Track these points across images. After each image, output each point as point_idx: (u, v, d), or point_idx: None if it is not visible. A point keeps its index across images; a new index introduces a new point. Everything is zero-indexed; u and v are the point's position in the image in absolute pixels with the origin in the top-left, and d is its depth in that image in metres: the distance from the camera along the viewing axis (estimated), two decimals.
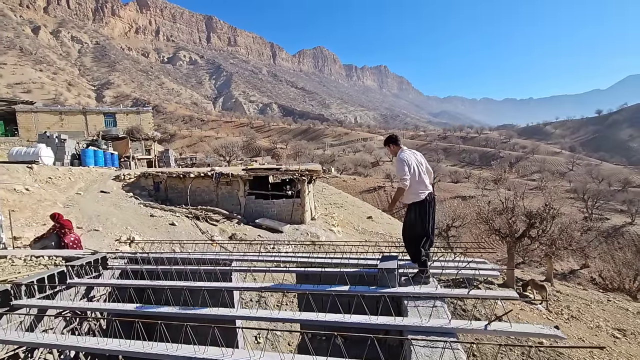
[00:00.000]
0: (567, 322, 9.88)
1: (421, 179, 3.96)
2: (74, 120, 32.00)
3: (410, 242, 3.97)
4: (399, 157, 4.02)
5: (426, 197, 3.91)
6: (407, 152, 4.07)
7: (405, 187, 3.83)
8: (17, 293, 3.94)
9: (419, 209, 3.90)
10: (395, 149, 4.18)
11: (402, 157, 3.99)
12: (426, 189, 3.96)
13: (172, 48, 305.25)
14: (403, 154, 4.03)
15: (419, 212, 3.89)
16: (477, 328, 2.69)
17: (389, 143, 4.28)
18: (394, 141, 4.21)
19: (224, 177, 16.08)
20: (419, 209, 3.90)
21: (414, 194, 3.90)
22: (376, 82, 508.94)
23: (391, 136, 4.28)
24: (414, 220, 3.92)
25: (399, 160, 3.99)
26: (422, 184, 3.95)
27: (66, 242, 6.73)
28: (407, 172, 3.83)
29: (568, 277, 24.84)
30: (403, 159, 3.96)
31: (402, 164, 3.91)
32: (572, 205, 41.36)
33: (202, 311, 3.34)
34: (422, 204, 3.90)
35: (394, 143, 4.21)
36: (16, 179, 13.18)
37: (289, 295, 8.44)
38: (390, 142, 4.24)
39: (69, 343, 2.95)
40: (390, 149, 4.26)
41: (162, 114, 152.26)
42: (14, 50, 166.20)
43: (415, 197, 3.90)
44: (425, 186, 3.97)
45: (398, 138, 4.26)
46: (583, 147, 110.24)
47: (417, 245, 3.84)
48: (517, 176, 72.09)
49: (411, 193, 3.90)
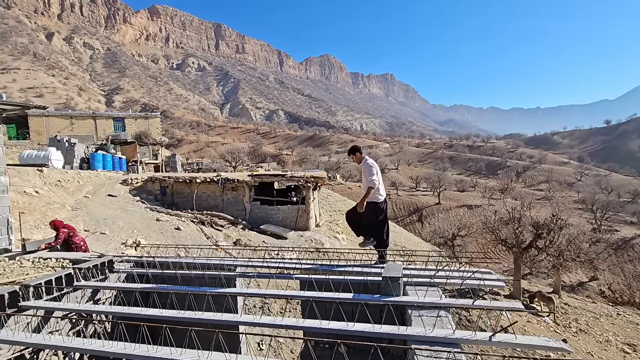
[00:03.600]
0: (575, 335, 9.69)
1: (382, 184, 4.92)
2: (84, 124, 32.57)
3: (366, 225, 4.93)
4: (368, 163, 4.86)
5: (384, 199, 4.92)
6: (372, 160, 4.93)
7: (374, 187, 4.70)
8: (25, 294, 4.00)
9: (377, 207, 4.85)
10: (360, 157, 4.96)
11: (371, 163, 4.85)
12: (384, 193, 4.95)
13: (181, 55, 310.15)
14: (370, 161, 4.90)
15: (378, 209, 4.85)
16: (482, 339, 2.67)
17: (354, 152, 5.04)
18: (359, 150, 5.02)
19: (229, 183, 16.18)
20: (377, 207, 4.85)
21: (379, 194, 4.85)
22: (382, 90, 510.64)
23: (355, 146, 5.11)
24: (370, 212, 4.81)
25: (368, 166, 4.83)
26: (383, 188, 4.93)
27: (76, 242, 6.78)
28: (376, 175, 4.73)
29: (576, 290, 24.37)
30: (372, 164, 4.84)
31: (371, 168, 4.79)
32: (580, 216, 40.74)
33: (206, 316, 3.36)
34: (382, 204, 4.86)
35: (359, 152, 5.00)
36: (26, 181, 13.40)
37: (292, 302, 8.41)
38: (356, 151, 5.01)
39: (74, 345, 2.98)
40: (355, 157, 5.02)
41: (170, 119, 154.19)
42: (27, 55, 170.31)
43: (379, 197, 4.84)
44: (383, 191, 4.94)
45: (361, 148, 5.13)
46: (591, 157, 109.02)
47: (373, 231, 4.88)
48: (524, 186, 71.40)
49: (377, 193, 4.80)
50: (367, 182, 4.79)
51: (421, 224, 44.48)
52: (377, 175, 4.74)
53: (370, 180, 4.73)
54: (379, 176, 4.81)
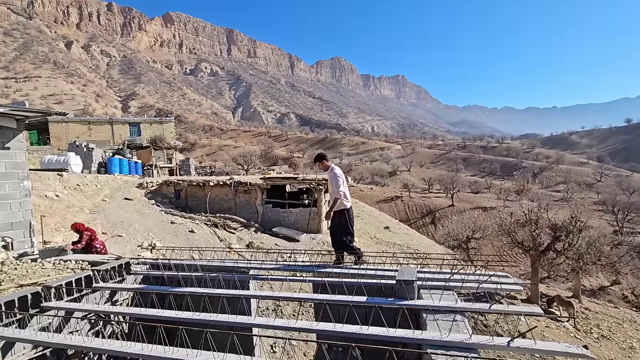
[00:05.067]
0: (597, 341, 9.38)
1: (347, 191, 4.96)
2: (101, 129, 33.46)
3: (342, 240, 4.87)
4: (335, 172, 4.88)
5: (350, 205, 4.96)
6: (338, 168, 4.93)
7: (340, 197, 4.78)
8: (47, 295, 4.12)
9: (347, 215, 4.88)
10: (326, 165, 4.98)
11: (337, 173, 4.89)
12: (350, 199, 5.04)
13: (194, 60, 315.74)
14: (337, 170, 4.92)
15: (347, 217, 4.87)
16: (500, 344, 2.61)
17: (320, 160, 5.06)
18: (325, 158, 5.05)
19: (242, 186, 16.34)
20: (347, 215, 4.88)
21: (347, 202, 4.90)
22: (393, 91, 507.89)
23: (320, 154, 5.13)
24: (345, 223, 4.86)
25: (334, 175, 4.85)
26: (348, 195, 4.98)
27: (96, 246, 6.99)
28: (342, 185, 4.78)
29: (597, 294, 23.57)
30: (338, 174, 4.88)
31: (337, 178, 4.83)
32: (600, 218, 39.46)
33: (220, 318, 3.39)
34: (349, 211, 4.91)
35: (325, 159, 5.03)
36: (47, 185, 13.84)
37: (305, 305, 8.41)
38: (323, 159, 5.04)
39: (94, 345, 3.05)
40: (322, 164, 5.04)
41: (184, 123, 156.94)
42: (48, 64, 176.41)
43: (347, 204, 4.89)
44: (349, 196, 5.04)
45: (327, 156, 5.16)
46: (611, 157, 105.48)
47: (350, 242, 4.88)
48: (541, 187, 69.67)
49: (344, 201, 4.85)
50: (334, 192, 4.88)
51: (434, 226, 43.88)
52: (343, 186, 4.83)
53: (336, 192, 4.83)
54: (345, 186, 4.90)
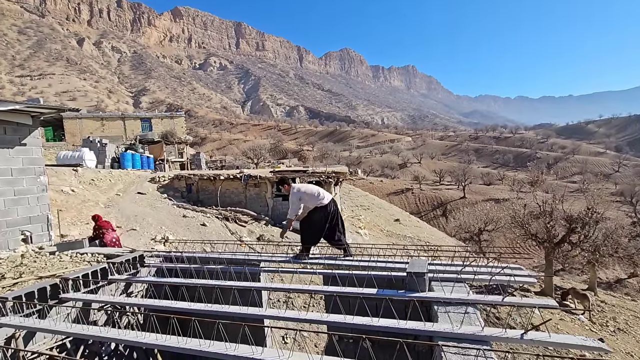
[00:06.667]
0: (613, 335, 9.21)
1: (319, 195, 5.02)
2: (113, 125, 33.99)
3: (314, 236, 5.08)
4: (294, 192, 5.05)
5: (328, 202, 5.02)
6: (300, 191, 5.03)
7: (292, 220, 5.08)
8: (65, 287, 4.25)
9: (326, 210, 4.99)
10: (288, 188, 5.22)
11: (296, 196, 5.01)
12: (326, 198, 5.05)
13: (204, 55, 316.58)
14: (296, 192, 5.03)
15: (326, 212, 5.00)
16: (513, 337, 2.58)
17: (282, 184, 5.40)
18: (287, 182, 5.33)
19: (252, 180, 16.45)
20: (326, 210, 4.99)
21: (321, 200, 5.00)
22: (404, 82, 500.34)
23: (283, 178, 5.48)
24: (320, 218, 5.00)
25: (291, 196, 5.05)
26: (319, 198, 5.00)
27: (105, 243, 7.16)
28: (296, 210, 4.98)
29: (614, 287, 23.08)
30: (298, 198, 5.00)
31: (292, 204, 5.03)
32: (618, 209, 38.43)
33: (232, 309, 3.44)
34: (330, 206, 5.02)
35: (287, 184, 5.31)
36: (63, 180, 14.18)
37: (316, 297, 8.47)
38: (284, 184, 5.36)
39: (111, 335, 3.13)
40: (284, 188, 5.35)
41: (194, 118, 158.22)
42: (61, 61, 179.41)
43: (323, 202, 4.99)
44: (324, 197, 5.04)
45: (289, 180, 5.42)
46: (630, 146, 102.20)
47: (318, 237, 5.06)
48: (556, 178, 68.17)
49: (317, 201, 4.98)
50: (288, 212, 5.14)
51: (445, 218, 43.45)
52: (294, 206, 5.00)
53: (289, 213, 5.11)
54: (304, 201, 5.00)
